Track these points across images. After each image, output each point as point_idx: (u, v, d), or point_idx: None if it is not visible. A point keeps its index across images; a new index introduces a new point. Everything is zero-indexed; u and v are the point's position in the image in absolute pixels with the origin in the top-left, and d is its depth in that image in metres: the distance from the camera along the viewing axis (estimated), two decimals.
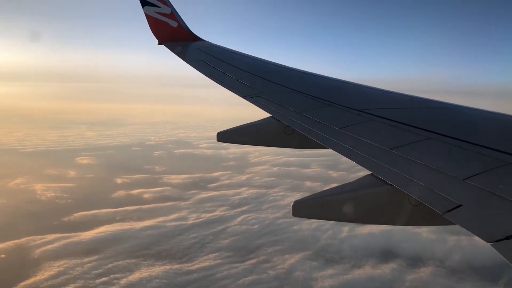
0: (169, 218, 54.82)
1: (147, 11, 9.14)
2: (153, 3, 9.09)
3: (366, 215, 3.44)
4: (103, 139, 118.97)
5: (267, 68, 7.62)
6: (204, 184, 71.74)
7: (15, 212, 54.16)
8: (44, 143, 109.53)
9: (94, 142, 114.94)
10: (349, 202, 3.33)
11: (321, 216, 3.61)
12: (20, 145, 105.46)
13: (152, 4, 9.09)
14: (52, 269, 40.06)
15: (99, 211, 56.54)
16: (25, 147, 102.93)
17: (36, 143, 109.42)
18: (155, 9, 9.15)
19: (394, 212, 3.26)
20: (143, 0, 9.03)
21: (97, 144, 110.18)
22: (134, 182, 72.33)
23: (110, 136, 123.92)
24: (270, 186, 70.65)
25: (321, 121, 4.52)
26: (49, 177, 73.05)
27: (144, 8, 9.11)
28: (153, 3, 9.09)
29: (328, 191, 3.51)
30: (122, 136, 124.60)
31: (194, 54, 8.68)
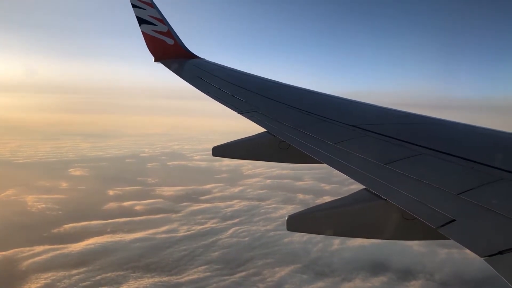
0: (160, 230, 54.66)
1: (144, 29, 9.32)
2: (150, 22, 9.27)
3: (360, 230, 3.45)
4: (97, 151, 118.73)
5: (262, 84, 7.73)
6: (196, 196, 71.67)
7: (4, 223, 53.84)
8: (37, 154, 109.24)
9: (88, 153, 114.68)
10: (343, 217, 3.36)
11: (315, 231, 3.60)
12: (13, 156, 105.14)
13: (149, 23, 9.27)
14: (39, 281, 39.84)
15: (90, 222, 56.31)
16: (18, 158, 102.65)
17: (29, 154, 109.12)
18: (152, 27, 9.32)
19: (387, 226, 3.25)
20: (140, 19, 9.20)
21: (90, 156, 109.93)
22: (126, 194, 72.18)
23: (104, 148, 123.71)
24: (263, 199, 70.71)
25: (315, 136, 4.55)
26: (41, 188, 72.81)
27: (141, 26, 9.28)
28: (150, 22, 9.27)
29: (322, 205, 3.54)
30: (116, 148, 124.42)
31: (190, 71, 8.79)
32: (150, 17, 9.24)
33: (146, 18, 9.22)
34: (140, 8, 9.14)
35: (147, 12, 9.19)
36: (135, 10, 9.18)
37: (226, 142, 5.29)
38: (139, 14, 9.19)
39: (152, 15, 9.25)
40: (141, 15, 9.19)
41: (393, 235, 3.33)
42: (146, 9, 9.16)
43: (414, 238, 3.39)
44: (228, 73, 8.57)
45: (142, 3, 9.12)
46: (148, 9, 9.18)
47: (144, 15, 9.20)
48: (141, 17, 9.20)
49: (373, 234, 3.47)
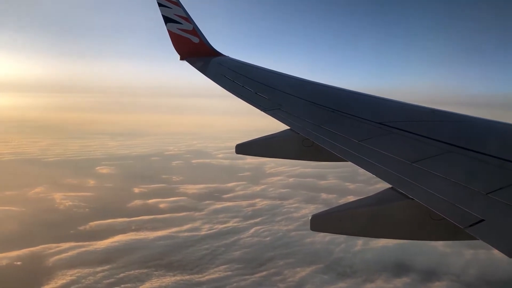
0: (182, 228, 55.39)
1: (170, 28, 9.52)
2: (175, 20, 9.46)
3: (386, 230, 3.38)
4: (123, 149, 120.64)
5: (285, 81, 7.77)
6: (219, 195, 72.20)
7: (33, 220, 55.59)
8: (66, 153, 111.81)
9: (115, 152, 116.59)
10: (368, 217, 3.32)
11: (339, 231, 3.53)
12: (43, 154, 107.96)
13: (174, 21, 9.47)
14: (65, 277, 41.07)
15: (115, 220, 57.57)
16: (47, 156, 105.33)
17: (58, 152, 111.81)
18: (178, 25, 9.51)
19: (414, 227, 3.21)
20: (166, 17, 9.42)
21: (117, 154, 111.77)
22: (151, 191, 73.29)
23: (130, 146, 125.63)
24: (285, 198, 70.55)
25: (340, 133, 4.51)
26: (68, 186, 74.69)
27: (167, 25, 9.49)
28: (176, 20, 9.46)
29: (347, 205, 3.51)
30: (142, 146, 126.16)
31: (214, 69, 8.98)
32: (176, 15, 9.43)
33: (172, 16, 9.41)
34: (166, 7, 9.33)
35: (172, 11, 9.38)
36: (161, 9, 9.36)
37: (249, 140, 5.32)
38: (165, 13, 9.39)
39: (178, 13, 9.43)
40: (167, 13, 9.39)
41: (419, 236, 3.31)
42: (172, 7, 9.36)
43: (441, 238, 3.34)
44: (252, 70, 8.68)
45: (168, 2, 9.31)
46: (174, 8, 9.37)
47: (170, 14, 9.40)
48: (167, 15, 9.41)
49: (399, 235, 3.40)
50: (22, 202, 63.73)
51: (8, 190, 70.44)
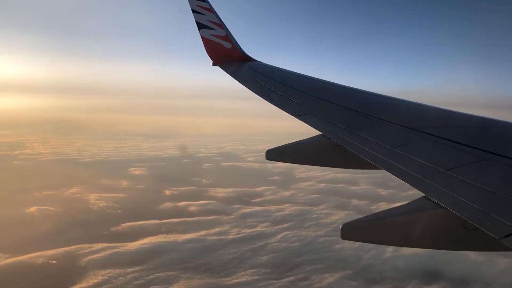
0: (211, 232, 55.95)
1: (203, 34, 9.66)
2: (209, 26, 9.58)
3: (418, 240, 3.27)
4: (156, 151, 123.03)
5: (316, 86, 7.71)
6: (247, 199, 72.51)
7: (68, 220, 57.41)
8: (101, 154, 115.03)
9: (148, 153, 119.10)
10: (401, 226, 3.26)
11: (371, 240, 3.47)
12: (79, 155, 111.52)
13: (208, 27, 9.59)
14: (96, 277, 42.21)
15: (146, 222, 58.74)
16: (83, 157, 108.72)
17: (93, 153, 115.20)
18: (211, 31, 9.63)
19: (448, 236, 3.14)
20: (200, 23, 9.55)
21: (150, 156, 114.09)
22: (182, 194, 74.38)
23: (163, 148, 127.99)
24: (315, 203, 70.10)
25: (373, 139, 4.41)
26: (102, 187, 76.71)
27: (200, 31, 9.65)
28: (209, 26, 9.58)
29: (379, 214, 3.48)
30: (174, 148, 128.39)
31: (246, 74, 8.96)
32: (209, 21, 9.55)
33: (205, 23, 9.54)
34: (200, 13, 9.47)
35: (206, 17, 9.50)
36: (195, 16, 9.51)
37: (280, 146, 5.26)
38: (199, 19, 9.54)
39: (211, 20, 9.55)
40: (201, 20, 9.53)
41: (453, 246, 3.24)
42: (205, 14, 9.47)
43: (475, 249, 3.24)
44: (284, 75, 8.67)
45: (202, 8, 9.44)
46: (207, 14, 9.49)
47: (203, 20, 9.54)
48: (200, 22, 9.55)
49: (432, 244, 3.31)
50: (59, 202, 65.90)
51: (47, 189, 73.08)
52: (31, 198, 67.67)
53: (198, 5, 9.42)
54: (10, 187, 73.34)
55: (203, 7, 9.43)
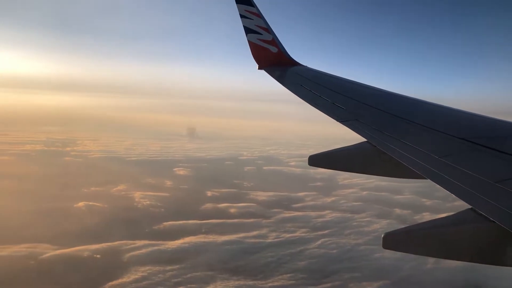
0: (249, 234, 56.34)
1: (250, 38, 9.73)
2: (256, 31, 9.66)
3: (463, 253, 3.16)
4: (200, 152, 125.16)
5: (363, 91, 7.61)
6: (288, 204, 72.35)
7: (113, 217, 59.51)
8: (147, 153, 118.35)
9: (192, 154, 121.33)
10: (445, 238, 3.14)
11: (413, 251, 3.33)
12: (127, 153, 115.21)
13: (255, 32, 9.66)
14: (137, 273, 43.61)
15: (187, 222, 59.93)
16: (130, 155, 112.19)
17: (140, 152, 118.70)
18: (258, 36, 9.70)
19: (495, 252, 3.03)
20: (247, 28, 9.63)
21: (194, 157, 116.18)
22: (223, 196, 75.28)
23: (207, 150, 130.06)
24: (356, 211, 69.13)
25: (419, 148, 4.28)
26: (147, 185, 78.89)
27: (247, 36, 9.72)
28: (256, 31, 9.66)
29: (423, 224, 3.38)
30: (218, 150, 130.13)
31: (292, 78, 8.90)
32: (257, 26, 9.62)
33: (252, 27, 9.62)
34: (248, 18, 9.55)
35: (254, 22, 9.58)
36: (242, 20, 9.60)
37: (323, 151, 5.12)
38: (246, 24, 9.61)
39: (259, 24, 9.62)
40: (248, 24, 9.61)
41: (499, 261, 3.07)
42: (253, 19, 9.55)
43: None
44: (329, 80, 8.62)
45: (250, 13, 9.52)
46: (255, 19, 9.56)
47: (251, 25, 9.61)
48: (248, 26, 9.62)
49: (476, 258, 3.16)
50: (106, 199, 68.38)
51: (95, 186, 76.10)
52: (80, 193, 70.63)
53: (246, 10, 9.52)
54: (61, 182, 76.75)
55: (251, 12, 9.52)
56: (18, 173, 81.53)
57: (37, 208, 59.92)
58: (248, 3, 9.46)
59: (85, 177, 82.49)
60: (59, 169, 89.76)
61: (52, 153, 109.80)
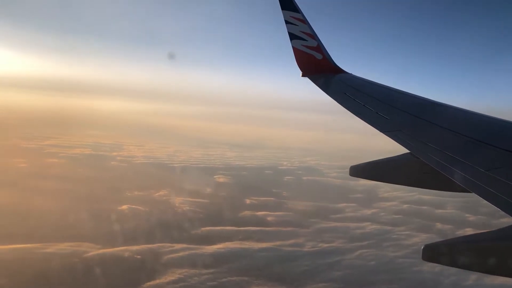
0: (286, 243, 56.37)
1: (294, 45, 9.70)
2: (301, 37, 9.61)
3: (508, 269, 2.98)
4: (240, 160, 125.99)
5: (408, 101, 7.43)
6: (326, 214, 71.71)
7: (154, 220, 60.99)
8: (189, 160, 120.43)
9: (233, 162, 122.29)
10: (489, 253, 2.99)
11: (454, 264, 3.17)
12: (170, 159, 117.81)
13: (300, 38, 9.62)
14: (174, 275, 44.67)
15: (224, 228, 60.67)
16: (173, 162, 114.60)
17: (183, 159, 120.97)
18: (303, 42, 9.63)
19: None
20: (292, 34, 9.63)
21: (234, 165, 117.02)
22: (261, 204, 75.59)
23: (247, 158, 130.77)
24: (396, 224, 67.77)
25: (464, 160, 4.13)
26: (188, 191, 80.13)
27: (292, 42, 9.70)
28: (301, 37, 9.61)
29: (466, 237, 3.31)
30: (258, 159, 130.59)
31: (336, 87, 8.79)
32: (302, 32, 9.57)
33: (297, 33, 9.57)
34: (293, 24, 9.51)
35: (299, 28, 9.53)
36: (287, 26, 9.57)
37: (365, 162, 5.08)
38: (291, 30, 9.58)
39: (304, 30, 9.57)
40: (293, 30, 9.57)
41: None
42: (298, 25, 9.51)
43: None
44: (374, 88, 8.50)
45: (295, 19, 9.49)
46: (300, 25, 9.51)
47: (295, 31, 9.57)
48: (292, 32, 9.58)
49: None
50: (148, 203, 70.11)
51: (138, 190, 78.35)
52: (124, 197, 72.95)
53: (292, 16, 9.51)
54: (107, 185, 79.56)
55: (297, 18, 9.51)
56: (67, 175, 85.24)
57: (83, 209, 62.39)
58: (293, 9, 9.48)
59: (129, 181, 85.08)
60: (106, 172, 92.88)
61: (100, 157, 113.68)
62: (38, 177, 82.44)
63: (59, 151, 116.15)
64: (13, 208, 60.05)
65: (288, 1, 9.44)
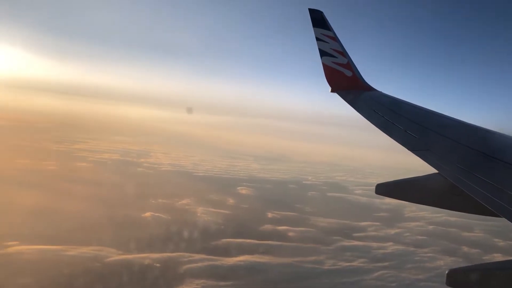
0: (306, 259, 55.82)
1: (325, 61, 9.86)
2: (331, 54, 9.77)
3: None
4: (264, 173, 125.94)
5: (438, 121, 7.40)
6: (349, 232, 70.76)
7: (175, 229, 61.47)
8: (214, 170, 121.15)
9: (257, 174, 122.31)
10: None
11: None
12: (194, 169, 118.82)
13: (330, 55, 9.78)
14: (191, 285, 44.82)
15: (245, 240, 60.52)
16: (198, 171, 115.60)
17: (207, 169, 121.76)
18: (333, 59, 9.78)
19: None
20: (322, 51, 9.81)
21: (258, 177, 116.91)
22: (283, 218, 75.06)
23: (271, 171, 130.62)
24: (420, 245, 66.32)
25: (495, 184, 4.01)
26: (210, 201, 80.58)
27: (322, 58, 9.88)
28: (332, 54, 9.77)
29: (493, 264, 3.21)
30: (283, 172, 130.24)
31: (365, 103, 8.88)
32: (332, 49, 9.73)
33: (328, 50, 9.73)
34: (324, 41, 9.69)
35: (329, 45, 9.70)
36: (318, 43, 9.75)
37: (391, 181, 5.00)
38: (322, 47, 9.77)
39: (334, 48, 9.73)
40: (324, 47, 9.75)
41: None
42: (329, 42, 9.68)
43: None
44: (404, 107, 8.48)
45: (326, 36, 9.65)
46: (330, 43, 9.68)
47: (326, 48, 9.73)
48: (323, 49, 9.76)
49: None
50: (170, 211, 70.74)
51: (162, 198, 79.15)
52: (148, 204, 73.81)
53: (323, 33, 9.66)
54: (132, 191, 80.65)
55: (327, 35, 9.66)
56: (94, 179, 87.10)
57: (107, 214, 63.53)
58: (325, 27, 9.61)
59: (154, 188, 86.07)
60: (132, 178, 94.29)
61: (127, 163, 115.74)
62: (66, 180, 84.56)
63: (88, 155, 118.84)
64: (40, 209, 61.60)
65: (320, 19, 9.59)
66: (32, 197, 67.59)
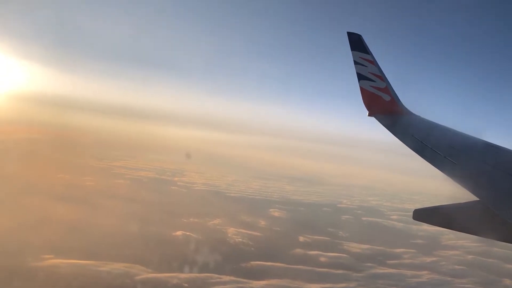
0: (337, 286, 54.58)
1: (362, 85, 9.80)
2: (369, 78, 9.70)
3: None
4: (298, 195, 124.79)
5: (479, 147, 7.23)
6: (382, 259, 68.80)
7: (205, 249, 61.50)
8: (247, 191, 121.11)
9: (290, 196, 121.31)
10: None
11: None
12: (227, 189, 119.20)
13: (368, 79, 9.71)
14: None
15: (275, 264, 59.82)
16: (230, 191, 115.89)
17: (240, 189, 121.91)
18: (371, 83, 9.71)
19: None
20: (360, 75, 9.76)
21: (292, 199, 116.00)
22: (315, 242, 73.91)
23: (305, 193, 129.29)
24: (457, 276, 63.81)
25: None
26: (242, 223, 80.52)
27: (360, 82, 9.83)
28: (370, 78, 9.70)
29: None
30: (317, 195, 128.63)
31: (403, 128, 8.79)
32: (370, 73, 9.66)
33: (366, 74, 9.68)
34: (362, 65, 9.63)
35: (367, 69, 9.63)
36: (356, 67, 9.69)
37: (430, 206, 4.88)
38: (360, 71, 9.72)
39: (372, 72, 9.66)
40: (362, 71, 9.70)
41: None
42: (367, 66, 9.61)
43: None
44: (443, 132, 8.37)
45: (365, 60, 9.59)
46: (369, 66, 9.61)
47: (364, 72, 9.69)
48: (361, 73, 9.71)
49: None
50: (201, 230, 71.05)
51: (193, 217, 79.74)
52: (179, 222, 74.43)
53: (361, 57, 9.61)
54: (165, 209, 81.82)
55: (366, 59, 9.62)
56: (129, 196, 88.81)
57: (139, 231, 64.41)
58: (363, 50, 9.55)
59: (186, 207, 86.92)
60: (166, 197, 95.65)
61: (162, 181, 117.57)
62: (102, 196, 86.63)
63: (126, 173, 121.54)
64: (75, 224, 63.28)
65: (359, 43, 9.52)
66: (69, 212, 69.61)
